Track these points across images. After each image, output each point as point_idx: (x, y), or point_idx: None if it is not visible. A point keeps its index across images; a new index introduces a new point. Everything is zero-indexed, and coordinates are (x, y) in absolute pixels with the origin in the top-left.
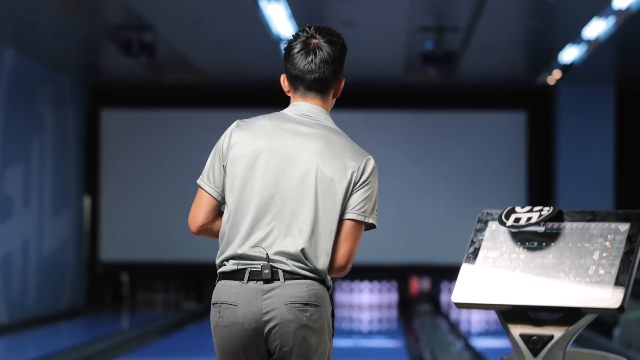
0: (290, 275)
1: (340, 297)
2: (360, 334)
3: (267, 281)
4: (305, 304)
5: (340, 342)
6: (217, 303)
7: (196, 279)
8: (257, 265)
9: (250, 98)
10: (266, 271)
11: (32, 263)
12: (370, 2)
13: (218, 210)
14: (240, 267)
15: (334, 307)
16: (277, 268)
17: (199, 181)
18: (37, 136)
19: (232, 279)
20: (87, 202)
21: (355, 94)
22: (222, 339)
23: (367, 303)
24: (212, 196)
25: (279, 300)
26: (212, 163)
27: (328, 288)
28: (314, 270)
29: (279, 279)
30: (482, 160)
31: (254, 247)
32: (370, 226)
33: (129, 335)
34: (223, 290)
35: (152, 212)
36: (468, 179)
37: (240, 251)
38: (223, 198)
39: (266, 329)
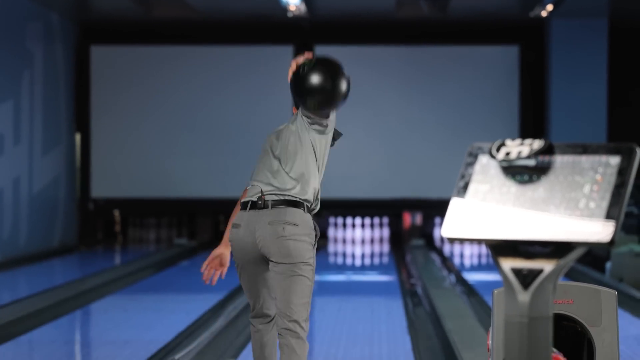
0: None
1: (333, 232)
2: (353, 269)
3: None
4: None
5: (333, 277)
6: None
7: (188, 216)
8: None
9: (241, 33)
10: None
11: (24, 200)
12: None
13: None
14: None
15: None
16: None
17: None
18: (27, 73)
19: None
20: (77, 139)
21: (347, 29)
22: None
23: (359, 238)
24: None
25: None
26: None
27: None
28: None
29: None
30: (475, 95)
31: None
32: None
33: (121, 271)
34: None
35: (144, 149)
36: (460, 114)
37: None
38: None
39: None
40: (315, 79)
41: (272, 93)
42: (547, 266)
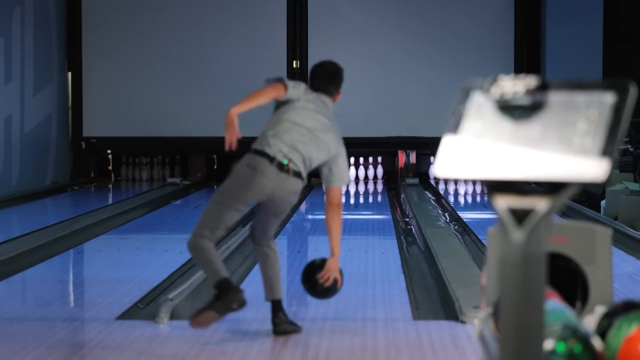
0: None
1: None
2: (347, 208)
3: None
4: None
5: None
6: None
7: (181, 154)
8: None
9: None
10: None
11: (15, 139)
12: None
13: None
14: None
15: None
16: None
17: None
18: (18, 10)
19: None
20: (69, 77)
21: None
22: None
23: (353, 177)
24: None
25: None
26: None
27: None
28: None
29: None
30: (470, 33)
31: None
32: None
33: (114, 210)
34: None
35: (136, 87)
36: (455, 52)
37: None
38: None
39: None
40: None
41: (266, 31)
42: (541, 204)
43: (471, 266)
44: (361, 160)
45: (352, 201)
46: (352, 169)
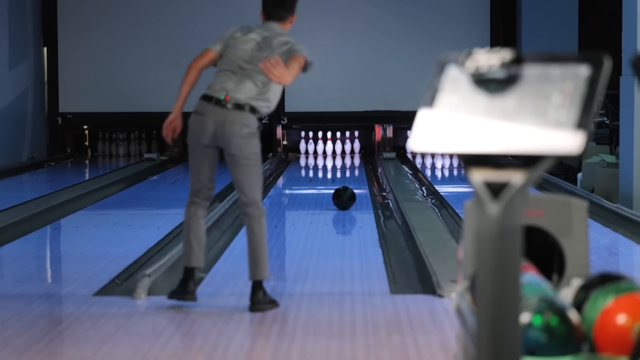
0: None
1: (304, 145)
2: (324, 182)
3: None
4: None
5: (304, 191)
6: None
7: (158, 130)
8: None
9: None
10: None
11: None
12: None
13: None
14: None
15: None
16: None
17: None
18: None
19: None
20: (45, 53)
21: None
22: None
23: (330, 151)
24: None
25: None
26: None
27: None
28: None
29: None
30: (446, 5)
31: None
32: None
33: (91, 186)
34: None
35: (113, 62)
36: (432, 25)
37: None
38: None
39: None
40: None
41: (240, 3)
42: (516, 177)
43: (448, 240)
44: (338, 134)
45: (329, 175)
46: (329, 143)
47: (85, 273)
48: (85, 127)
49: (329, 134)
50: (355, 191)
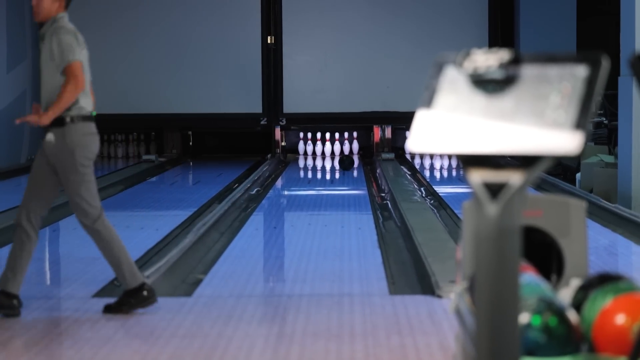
0: None
1: (303, 146)
2: (323, 183)
3: None
4: None
5: (303, 192)
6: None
7: (156, 131)
8: None
9: None
10: None
11: None
12: None
13: None
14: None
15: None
16: None
17: None
18: None
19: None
20: None
21: None
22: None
23: (329, 152)
24: None
25: None
26: None
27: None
28: None
29: None
30: (444, 6)
31: None
32: None
33: None
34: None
35: (111, 64)
36: (430, 25)
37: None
38: None
39: None
40: None
41: (241, 6)
42: (515, 178)
43: (447, 240)
44: (336, 135)
45: (328, 177)
46: (328, 144)
47: (84, 275)
48: None
49: (327, 135)
50: (354, 192)
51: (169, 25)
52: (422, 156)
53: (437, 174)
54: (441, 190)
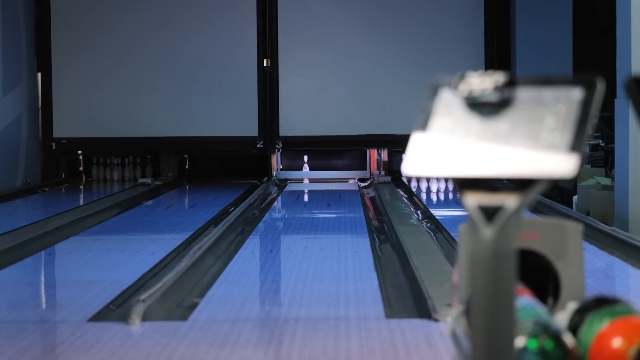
0: None
1: (300, 169)
2: (318, 206)
3: None
4: None
5: (299, 215)
6: None
7: (152, 155)
8: None
9: None
10: None
11: None
12: None
13: None
14: None
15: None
16: None
17: None
18: None
19: None
20: (39, 78)
21: None
22: None
23: (326, 176)
24: None
25: None
26: None
27: None
28: None
29: None
30: (439, 29)
31: None
32: None
33: (85, 211)
34: None
35: (106, 87)
36: (425, 49)
37: None
38: None
39: None
40: None
41: (236, 29)
42: (510, 201)
43: (444, 264)
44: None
45: (324, 199)
46: (323, 167)
47: (79, 299)
48: (79, 152)
49: (323, 159)
50: (350, 215)
51: (164, 47)
52: (418, 179)
53: (434, 197)
54: (437, 213)
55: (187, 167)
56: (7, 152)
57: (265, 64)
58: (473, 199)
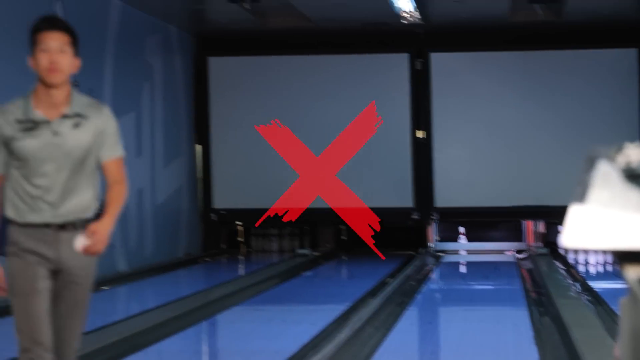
0: None
1: (456, 240)
2: (476, 277)
3: None
4: None
5: (457, 286)
6: None
7: (310, 226)
8: None
9: (356, 41)
10: None
11: (148, 212)
12: None
13: None
14: None
15: None
16: None
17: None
18: (147, 85)
19: None
20: (198, 150)
21: (461, 35)
22: None
23: (482, 247)
24: None
25: None
26: None
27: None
28: None
29: None
30: (593, 99)
31: None
32: None
33: (246, 282)
34: None
35: (264, 159)
36: (579, 119)
37: None
38: None
39: None
40: None
41: (389, 100)
42: None
43: (604, 337)
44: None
45: (481, 271)
46: (481, 238)
47: None
48: (238, 223)
49: (479, 230)
50: (508, 287)
51: (320, 118)
52: (576, 251)
53: (592, 270)
54: (597, 285)
55: (343, 238)
56: (169, 223)
57: (419, 135)
58: (633, 272)
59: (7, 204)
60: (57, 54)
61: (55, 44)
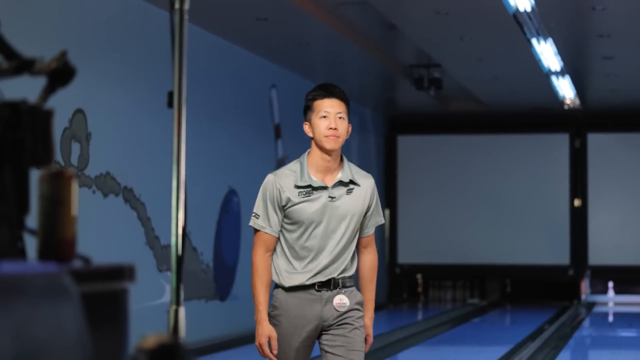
0: None
1: (608, 295)
2: (621, 325)
3: None
4: None
5: (604, 333)
6: None
7: (479, 279)
8: None
9: (524, 124)
10: None
11: None
12: (627, 39)
13: None
14: None
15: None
16: None
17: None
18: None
19: None
20: (387, 213)
21: (618, 117)
22: None
23: (631, 299)
24: None
25: None
26: None
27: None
28: None
29: None
30: None
31: None
32: None
33: (423, 326)
34: None
35: (442, 222)
36: None
37: None
38: None
39: None
40: None
41: (549, 175)
42: None
43: None
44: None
45: (626, 320)
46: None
47: None
48: (418, 275)
49: (627, 284)
50: None
51: (490, 188)
52: None
53: None
54: None
55: (508, 290)
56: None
57: (576, 204)
58: None
59: None
60: (336, 120)
61: (334, 111)
